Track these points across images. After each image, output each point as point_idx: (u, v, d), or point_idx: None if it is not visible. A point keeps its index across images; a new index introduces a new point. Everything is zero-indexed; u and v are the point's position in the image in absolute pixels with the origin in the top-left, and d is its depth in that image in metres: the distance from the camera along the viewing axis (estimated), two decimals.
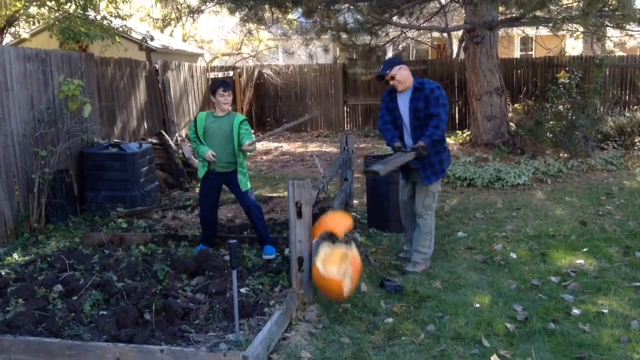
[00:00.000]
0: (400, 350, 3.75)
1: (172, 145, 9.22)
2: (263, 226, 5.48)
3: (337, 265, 4.11)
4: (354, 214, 7.14)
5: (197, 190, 8.86)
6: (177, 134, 10.48)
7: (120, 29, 10.16)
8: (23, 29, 13.56)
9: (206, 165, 5.38)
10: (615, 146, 10.65)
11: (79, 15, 9.46)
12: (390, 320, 4.19)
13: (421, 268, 5.19)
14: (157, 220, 6.97)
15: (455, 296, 4.61)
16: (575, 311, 4.26)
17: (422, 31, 16.08)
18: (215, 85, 5.41)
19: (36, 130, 6.69)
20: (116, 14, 10.49)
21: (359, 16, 11.11)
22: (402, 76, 5.13)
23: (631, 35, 11.58)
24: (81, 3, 9.14)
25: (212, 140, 5.33)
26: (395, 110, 5.27)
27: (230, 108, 5.44)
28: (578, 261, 5.33)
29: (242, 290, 4.55)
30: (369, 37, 12.05)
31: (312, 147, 13.57)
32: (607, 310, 4.26)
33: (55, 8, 9.98)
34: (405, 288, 4.75)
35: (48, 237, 6.30)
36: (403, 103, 5.21)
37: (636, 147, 10.73)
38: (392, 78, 5.15)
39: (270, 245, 5.42)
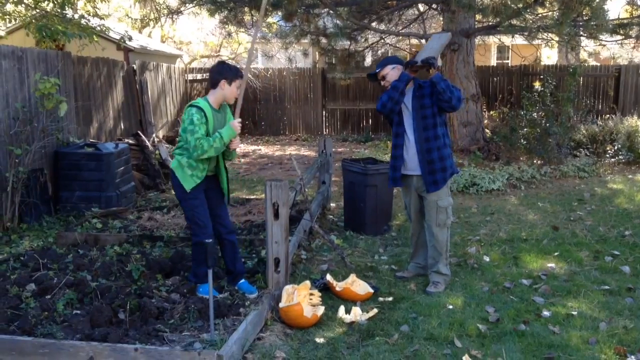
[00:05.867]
0: (374, 350, 3.78)
1: (149, 146, 9.18)
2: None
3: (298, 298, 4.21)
4: (331, 216, 7.19)
5: (173, 192, 8.81)
6: (154, 135, 10.43)
7: (98, 28, 10.10)
8: None
9: (199, 175, 4.30)
10: (587, 154, 10.86)
11: (57, 14, 9.38)
12: (364, 321, 4.22)
13: (442, 287, 4.80)
14: (132, 220, 6.93)
15: (429, 298, 4.67)
16: (546, 313, 4.34)
17: (400, 37, 16.21)
18: (234, 73, 4.29)
19: (11, 129, 6.61)
20: (94, 13, 10.41)
21: (338, 21, 11.20)
22: (393, 77, 4.70)
23: (604, 45, 11.82)
24: (59, 1, 9.06)
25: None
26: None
27: None
28: (549, 265, 5.43)
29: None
30: (348, 42, 12.16)
31: (291, 150, 13.59)
32: (576, 313, 4.35)
33: (33, 6, 9.88)
34: (380, 289, 4.80)
35: (21, 237, 6.22)
36: (407, 102, 4.77)
37: (607, 155, 10.95)
38: (383, 78, 4.77)
39: (246, 279, 4.68)
